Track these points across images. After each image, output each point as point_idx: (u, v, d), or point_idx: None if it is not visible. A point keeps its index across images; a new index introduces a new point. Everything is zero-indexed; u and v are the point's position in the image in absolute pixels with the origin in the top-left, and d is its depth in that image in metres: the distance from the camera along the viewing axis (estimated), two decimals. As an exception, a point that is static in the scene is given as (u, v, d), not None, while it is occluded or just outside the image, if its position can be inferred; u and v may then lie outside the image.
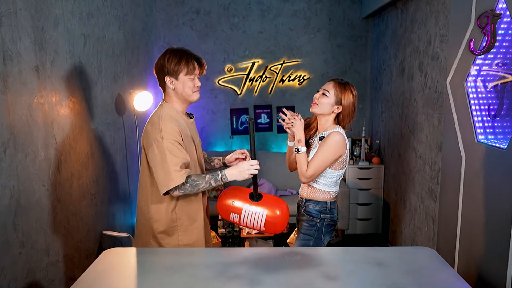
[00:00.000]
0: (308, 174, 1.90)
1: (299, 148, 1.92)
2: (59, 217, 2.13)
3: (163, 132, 1.68)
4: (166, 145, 1.66)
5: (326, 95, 1.94)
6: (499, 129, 2.13)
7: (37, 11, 1.93)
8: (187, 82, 1.77)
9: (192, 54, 1.80)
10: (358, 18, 4.38)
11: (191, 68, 1.76)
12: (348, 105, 1.94)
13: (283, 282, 1.37)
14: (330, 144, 1.88)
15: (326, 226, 2.02)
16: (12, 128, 1.73)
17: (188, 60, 1.76)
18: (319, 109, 1.96)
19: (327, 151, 1.89)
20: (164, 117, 1.73)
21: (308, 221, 2.02)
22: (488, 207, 2.00)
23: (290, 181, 4.27)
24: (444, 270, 1.45)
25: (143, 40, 3.79)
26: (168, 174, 1.66)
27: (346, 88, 1.94)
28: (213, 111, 4.50)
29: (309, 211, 2.02)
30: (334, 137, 1.89)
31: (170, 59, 1.75)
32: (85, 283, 1.38)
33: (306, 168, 1.90)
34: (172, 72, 1.75)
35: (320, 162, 1.89)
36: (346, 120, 1.98)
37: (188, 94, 1.79)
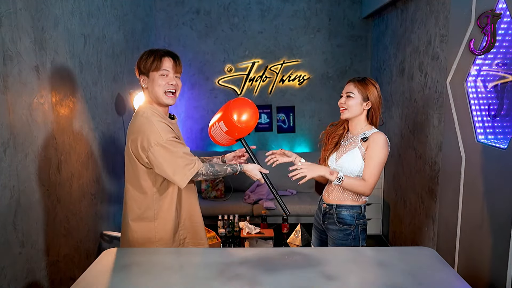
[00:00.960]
0: (371, 185, 1.81)
1: (339, 178, 1.80)
2: (59, 217, 2.13)
3: (161, 132, 1.63)
4: (168, 144, 1.64)
5: (352, 96, 1.89)
6: (499, 129, 2.13)
7: (37, 11, 1.93)
8: (157, 79, 1.67)
9: (164, 51, 1.71)
10: (358, 18, 4.38)
11: (157, 64, 1.66)
12: (375, 98, 1.89)
13: (283, 282, 1.36)
14: (381, 146, 1.82)
15: (361, 232, 1.91)
16: (12, 128, 1.73)
17: (156, 56, 1.67)
18: (350, 113, 1.91)
19: (381, 154, 1.82)
20: (153, 117, 1.66)
21: (342, 231, 1.89)
22: (488, 207, 2.00)
23: (290, 181, 4.26)
24: (444, 270, 1.45)
25: (143, 40, 3.79)
26: (180, 170, 1.64)
27: (367, 83, 1.90)
28: (213, 111, 4.50)
29: (342, 218, 1.89)
30: (381, 139, 1.83)
31: (141, 57, 1.71)
32: (85, 283, 1.38)
33: (364, 183, 1.80)
34: (143, 70, 1.70)
35: (378, 166, 1.82)
36: (376, 114, 1.91)
37: (158, 94, 1.68)
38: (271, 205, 3.77)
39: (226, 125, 1.79)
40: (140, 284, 1.39)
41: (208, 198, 4.07)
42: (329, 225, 1.95)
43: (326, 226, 1.97)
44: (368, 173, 1.82)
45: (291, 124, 4.55)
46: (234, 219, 3.29)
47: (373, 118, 1.93)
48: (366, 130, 1.91)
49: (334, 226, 1.92)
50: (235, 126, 1.78)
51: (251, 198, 3.90)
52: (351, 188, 1.84)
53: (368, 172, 1.82)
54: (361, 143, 1.88)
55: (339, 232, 1.91)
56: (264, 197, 3.93)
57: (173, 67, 1.71)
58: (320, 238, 2.07)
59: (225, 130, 1.82)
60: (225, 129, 1.81)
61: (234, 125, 1.78)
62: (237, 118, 1.77)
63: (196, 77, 4.43)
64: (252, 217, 3.83)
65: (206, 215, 3.77)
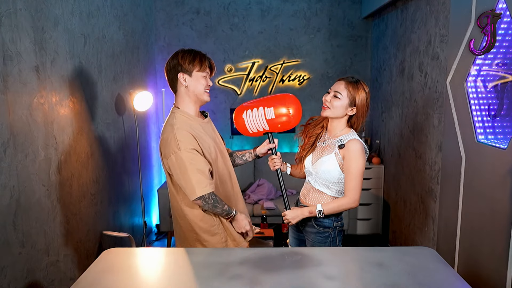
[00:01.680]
0: (354, 198, 1.77)
1: (319, 212, 1.81)
2: (59, 217, 2.13)
3: (179, 142, 1.67)
4: (185, 155, 1.66)
5: (338, 97, 1.79)
6: (499, 129, 2.13)
7: (37, 11, 1.93)
8: (200, 79, 1.78)
9: (205, 54, 1.84)
10: (358, 18, 4.38)
11: (204, 66, 1.79)
12: (362, 105, 1.79)
13: (283, 282, 1.36)
14: (357, 156, 1.75)
15: (338, 234, 1.90)
16: (12, 128, 1.73)
17: (202, 58, 1.79)
18: (332, 113, 1.81)
19: (358, 165, 1.75)
20: (178, 125, 1.72)
21: (320, 233, 1.88)
22: (488, 207, 2.00)
23: (290, 181, 4.27)
24: (444, 270, 1.45)
25: (143, 40, 3.79)
26: (190, 185, 1.68)
27: (359, 86, 1.79)
28: (213, 111, 4.50)
29: (321, 221, 1.87)
30: (356, 147, 1.75)
31: (184, 57, 1.77)
32: (85, 283, 1.38)
33: (347, 200, 1.78)
34: (187, 69, 1.76)
35: (357, 178, 1.76)
36: (359, 121, 1.82)
37: (200, 92, 1.79)
38: (271, 205, 3.77)
39: (276, 114, 1.82)
40: (140, 284, 1.39)
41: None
42: (307, 228, 1.92)
43: (304, 228, 1.94)
44: (349, 187, 1.78)
45: (291, 124, 4.55)
46: (234, 219, 3.28)
47: (354, 124, 1.85)
48: (344, 134, 1.83)
49: (313, 229, 1.89)
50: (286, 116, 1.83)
51: (251, 198, 3.90)
52: (336, 211, 1.82)
53: (349, 187, 1.77)
54: (338, 149, 1.81)
55: (317, 235, 1.88)
56: (264, 197, 3.93)
57: (211, 72, 1.85)
58: (298, 237, 2.04)
59: (270, 117, 1.83)
60: (272, 116, 1.83)
61: (286, 116, 1.83)
62: (293, 112, 1.84)
63: (196, 77, 4.43)
64: (252, 217, 3.83)
65: (206, 215, 3.78)
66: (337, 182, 1.84)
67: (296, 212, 1.86)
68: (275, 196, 4.05)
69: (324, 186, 1.87)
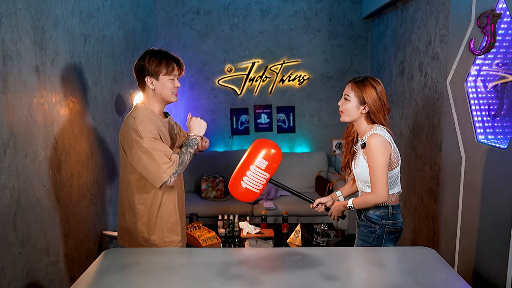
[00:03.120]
0: (380, 193, 1.77)
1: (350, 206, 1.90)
2: (59, 217, 2.13)
3: (140, 132, 1.68)
4: (147, 144, 1.67)
5: (348, 99, 1.84)
6: (499, 129, 2.13)
7: (37, 11, 1.93)
8: (167, 83, 1.79)
9: (172, 55, 1.82)
10: (358, 18, 4.38)
11: (170, 69, 1.78)
12: (373, 101, 1.80)
13: (283, 282, 1.37)
14: (374, 151, 1.76)
15: (387, 234, 1.87)
16: (12, 128, 1.73)
17: (168, 61, 1.78)
18: (347, 116, 1.87)
19: (377, 160, 1.76)
20: (140, 118, 1.73)
21: (367, 227, 1.89)
22: (488, 207, 2.00)
23: (290, 181, 4.27)
24: (444, 270, 1.45)
25: (143, 40, 3.79)
26: (158, 168, 1.67)
27: (365, 84, 1.82)
28: (213, 111, 4.50)
29: (369, 217, 1.89)
30: (374, 142, 1.76)
31: (150, 60, 1.77)
32: (85, 283, 1.38)
33: (372, 195, 1.80)
34: (153, 73, 1.77)
35: (379, 173, 1.76)
36: (378, 116, 1.82)
37: (167, 95, 1.81)
38: (271, 205, 3.77)
39: (267, 159, 1.90)
40: (140, 284, 1.39)
41: (208, 198, 4.07)
42: (361, 221, 1.97)
43: (359, 222, 2.00)
44: (372, 183, 1.80)
45: (291, 124, 4.55)
46: (234, 219, 3.29)
47: (374, 121, 1.85)
48: (368, 131, 1.84)
49: (362, 222, 1.94)
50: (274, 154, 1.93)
51: (251, 198, 3.90)
52: (366, 205, 1.86)
53: (372, 182, 1.79)
54: (362, 150, 1.84)
55: (364, 228, 1.91)
56: (264, 197, 3.93)
57: (179, 72, 1.85)
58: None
59: (264, 166, 1.90)
60: (266, 163, 1.90)
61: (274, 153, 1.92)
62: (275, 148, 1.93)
63: (196, 77, 4.43)
64: (252, 217, 3.83)
65: (206, 215, 3.78)
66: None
67: (334, 208, 2.01)
68: (275, 196, 4.05)
69: (366, 187, 1.90)
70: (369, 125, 1.87)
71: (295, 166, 4.29)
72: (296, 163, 4.31)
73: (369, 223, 1.89)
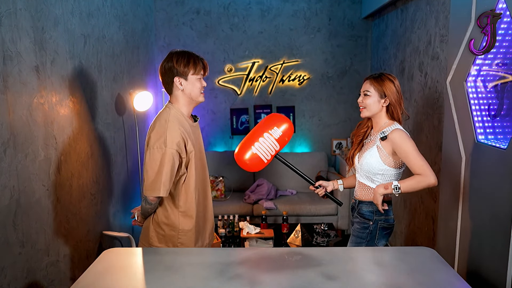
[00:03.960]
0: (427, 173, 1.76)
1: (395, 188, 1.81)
2: (59, 217, 2.13)
3: (167, 140, 1.69)
4: (168, 155, 1.68)
5: (368, 94, 1.89)
6: (499, 129, 2.13)
7: (37, 11, 1.93)
8: (196, 82, 1.81)
9: (198, 55, 1.85)
10: (358, 18, 4.38)
11: (198, 68, 1.81)
12: (393, 94, 1.87)
13: (283, 282, 1.37)
14: (404, 141, 1.79)
15: (380, 229, 1.92)
16: (12, 128, 1.73)
17: (196, 61, 1.81)
18: (369, 111, 1.91)
19: (410, 147, 1.78)
20: (172, 121, 1.75)
21: (360, 223, 1.94)
22: (488, 207, 2.00)
23: (290, 181, 4.28)
24: (444, 270, 1.45)
25: (143, 40, 3.79)
26: (157, 182, 1.69)
27: (383, 79, 1.89)
28: (213, 111, 4.50)
29: (362, 213, 1.95)
30: (400, 134, 1.81)
31: (179, 61, 1.78)
32: (85, 283, 1.38)
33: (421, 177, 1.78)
34: (182, 73, 1.78)
35: (417, 156, 1.77)
36: (397, 110, 1.89)
37: (196, 94, 1.83)
38: (271, 205, 3.77)
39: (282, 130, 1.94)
40: (140, 284, 1.39)
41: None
42: (354, 218, 2.01)
43: (353, 219, 2.04)
44: (416, 168, 1.78)
45: (291, 124, 4.55)
46: (234, 219, 3.29)
47: (393, 114, 1.90)
48: (387, 127, 1.89)
49: (357, 219, 1.98)
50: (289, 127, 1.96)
51: (251, 198, 3.90)
52: (414, 188, 1.81)
53: (416, 167, 1.78)
54: (380, 142, 1.87)
55: (358, 224, 1.96)
56: (264, 197, 3.93)
57: (204, 72, 1.88)
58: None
59: (278, 136, 1.93)
60: (279, 134, 1.93)
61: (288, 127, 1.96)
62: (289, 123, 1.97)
63: (196, 77, 4.43)
64: (252, 217, 3.83)
65: (206, 215, 3.77)
66: (380, 174, 1.89)
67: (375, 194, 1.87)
68: (275, 196, 4.05)
69: (367, 179, 1.94)
70: (388, 120, 1.92)
71: (295, 166, 4.29)
72: (296, 163, 4.29)
73: (363, 219, 1.94)
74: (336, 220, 3.84)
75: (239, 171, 4.29)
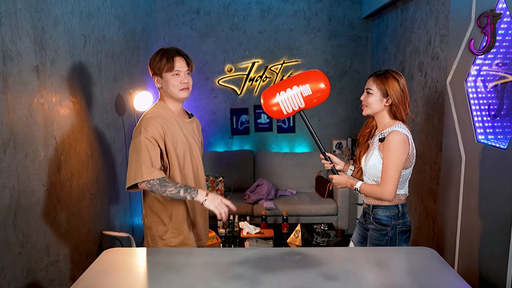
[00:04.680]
0: (387, 190, 1.74)
1: (356, 188, 1.85)
2: (59, 217, 2.13)
3: (142, 128, 1.72)
4: (143, 140, 1.69)
5: (370, 92, 1.82)
6: (499, 129, 2.13)
7: (37, 11, 1.93)
8: (171, 79, 1.78)
9: (174, 51, 1.79)
10: (358, 18, 4.38)
11: (170, 66, 1.76)
12: (396, 94, 1.78)
13: (283, 282, 1.37)
14: (393, 147, 1.73)
15: (399, 234, 1.83)
16: (12, 128, 1.73)
17: (168, 57, 1.76)
18: (370, 110, 1.85)
19: (393, 156, 1.73)
20: (151, 114, 1.77)
21: (377, 230, 1.85)
22: (488, 207, 2.00)
23: (290, 181, 4.27)
24: (444, 270, 1.45)
25: (143, 40, 3.79)
26: (138, 168, 1.68)
27: (387, 77, 1.80)
28: (213, 111, 4.50)
29: (379, 219, 1.84)
30: (394, 138, 1.73)
31: (153, 59, 1.79)
32: (85, 283, 1.38)
33: (378, 189, 1.77)
34: (157, 71, 1.79)
35: (392, 170, 1.73)
36: (400, 110, 1.80)
37: (173, 92, 1.79)
38: (271, 205, 3.77)
39: (312, 90, 1.83)
40: (140, 284, 1.39)
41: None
42: (369, 225, 1.91)
43: (366, 225, 1.94)
44: (382, 178, 1.77)
45: (291, 124, 4.55)
46: (234, 219, 3.29)
47: (396, 114, 1.82)
48: (389, 127, 1.81)
49: (371, 225, 1.89)
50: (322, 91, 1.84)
51: (251, 198, 3.90)
52: (370, 195, 1.83)
53: (382, 178, 1.77)
54: (379, 144, 1.81)
55: (375, 232, 1.86)
56: (264, 197, 3.93)
57: (185, 66, 1.80)
58: (362, 234, 2.01)
59: (306, 94, 1.83)
60: (309, 93, 1.83)
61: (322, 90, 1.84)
62: (326, 86, 1.85)
63: (196, 77, 4.43)
64: (252, 217, 3.83)
65: (206, 215, 3.77)
66: None
67: (342, 179, 1.91)
68: (275, 196, 4.05)
69: (373, 182, 1.87)
70: (391, 120, 1.85)
71: (295, 166, 4.30)
72: (296, 163, 4.31)
73: (380, 226, 1.84)
74: (336, 220, 3.84)
75: (239, 171, 4.29)
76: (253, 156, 4.43)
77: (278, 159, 4.31)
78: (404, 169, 1.80)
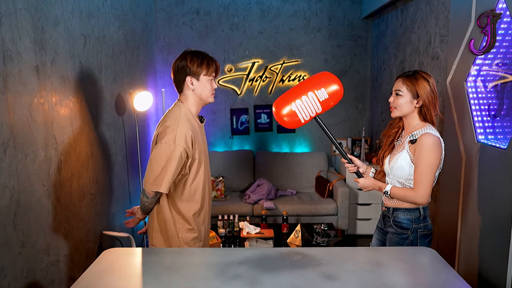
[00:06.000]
0: (421, 194, 1.70)
1: (386, 191, 1.80)
2: (59, 217, 2.13)
3: (177, 137, 1.69)
4: (176, 152, 1.68)
5: (400, 94, 1.78)
6: (499, 129, 2.13)
7: (37, 11, 1.93)
8: (207, 83, 1.82)
9: (212, 57, 1.85)
10: (358, 18, 4.38)
11: (211, 70, 1.81)
12: (427, 95, 1.74)
13: (283, 282, 1.37)
14: (426, 150, 1.69)
15: (421, 238, 1.79)
16: (12, 128, 1.73)
17: (210, 62, 1.81)
18: (400, 112, 1.80)
19: (428, 159, 1.69)
20: (183, 118, 1.75)
21: (397, 234, 1.81)
22: (488, 207, 2.00)
23: (290, 181, 4.27)
24: (444, 270, 1.45)
25: (143, 40, 3.79)
26: (161, 179, 1.69)
27: (417, 77, 1.75)
28: (213, 111, 4.50)
29: (399, 222, 1.80)
30: (427, 141, 1.69)
31: (193, 60, 1.78)
32: (85, 283, 1.38)
33: (413, 192, 1.73)
34: (194, 73, 1.79)
35: (425, 172, 1.69)
36: (430, 111, 1.76)
37: (206, 95, 1.83)
38: (271, 205, 3.77)
39: (329, 93, 1.80)
40: (140, 284, 1.39)
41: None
42: (388, 228, 1.88)
43: (386, 228, 1.91)
44: (416, 181, 1.72)
45: (291, 124, 4.54)
46: (234, 219, 3.29)
47: (426, 116, 1.77)
48: (418, 129, 1.77)
49: (391, 229, 1.85)
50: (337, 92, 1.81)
51: (251, 198, 3.90)
52: (402, 199, 1.78)
53: (416, 181, 1.72)
54: (409, 145, 1.77)
55: (395, 235, 1.83)
56: (264, 197, 3.93)
57: (216, 74, 1.87)
58: (381, 239, 1.98)
59: (323, 99, 1.80)
60: (325, 97, 1.80)
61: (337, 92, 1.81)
62: (340, 87, 1.83)
63: (196, 77, 4.43)
64: (252, 217, 3.83)
65: (206, 215, 3.77)
66: (411, 179, 1.79)
67: (368, 182, 1.87)
68: (275, 196, 4.05)
69: (399, 184, 1.83)
70: (421, 121, 1.80)
71: (295, 166, 4.30)
72: (296, 163, 4.31)
73: (400, 229, 1.80)
74: (336, 220, 3.84)
75: (239, 171, 4.29)
76: (253, 156, 4.43)
77: (278, 159, 4.31)
78: None
